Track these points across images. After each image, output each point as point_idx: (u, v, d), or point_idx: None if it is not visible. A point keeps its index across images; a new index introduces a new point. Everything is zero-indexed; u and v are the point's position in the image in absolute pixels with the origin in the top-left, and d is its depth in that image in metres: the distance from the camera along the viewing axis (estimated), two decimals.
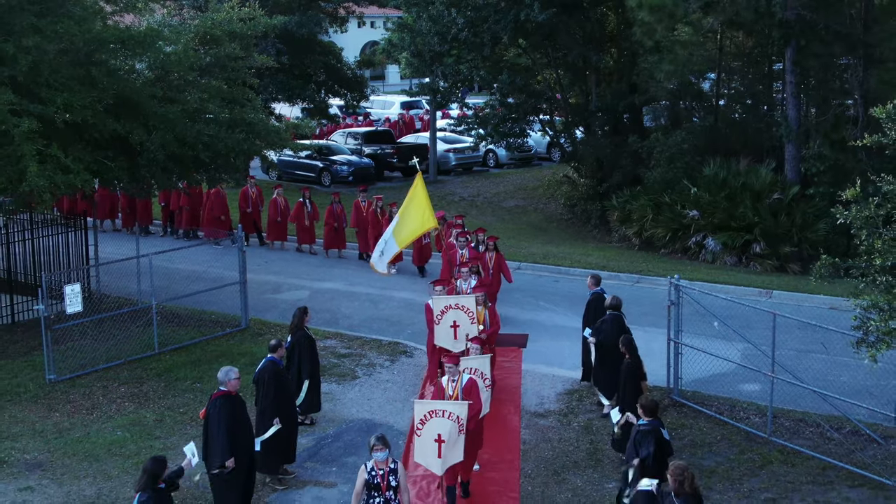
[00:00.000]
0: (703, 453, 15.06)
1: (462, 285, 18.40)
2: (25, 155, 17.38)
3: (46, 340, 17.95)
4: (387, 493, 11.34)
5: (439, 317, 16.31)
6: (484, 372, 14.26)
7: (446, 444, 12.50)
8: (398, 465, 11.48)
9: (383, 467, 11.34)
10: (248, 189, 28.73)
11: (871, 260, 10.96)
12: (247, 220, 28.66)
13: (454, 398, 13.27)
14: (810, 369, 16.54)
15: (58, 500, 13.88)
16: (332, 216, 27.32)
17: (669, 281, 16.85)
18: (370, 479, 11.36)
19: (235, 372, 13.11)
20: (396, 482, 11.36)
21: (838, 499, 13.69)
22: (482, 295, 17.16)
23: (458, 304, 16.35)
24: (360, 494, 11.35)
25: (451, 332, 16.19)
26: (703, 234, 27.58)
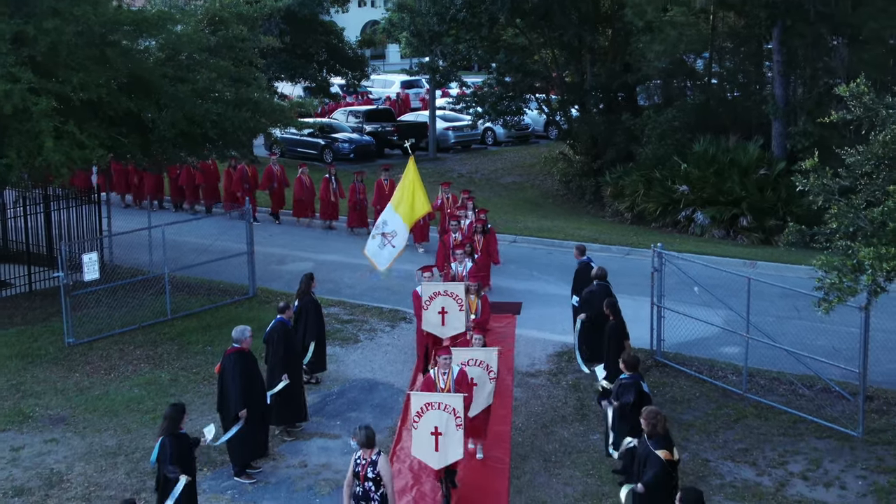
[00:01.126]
0: (683, 409, 16.14)
1: (458, 268, 18.48)
2: (43, 131, 18.36)
3: (65, 306, 19.00)
4: (365, 484, 11.48)
5: (427, 302, 16.41)
6: (490, 364, 14.30)
7: (444, 437, 12.59)
8: (379, 458, 11.56)
9: (366, 458, 11.51)
10: (273, 167, 29.50)
11: (829, 224, 11.97)
12: (276, 197, 29.48)
13: (446, 391, 13.28)
14: (788, 333, 17.55)
15: (81, 450, 14.97)
16: (355, 194, 27.81)
17: (652, 249, 17.89)
18: (355, 466, 11.58)
19: (249, 331, 14.21)
20: (374, 474, 11.47)
21: (807, 448, 14.77)
22: (476, 284, 17.35)
23: (448, 291, 16.42)
24: (351, 482, 11.62)
25: (439, 319, 16.29)
26: (693, 208, 28.61)
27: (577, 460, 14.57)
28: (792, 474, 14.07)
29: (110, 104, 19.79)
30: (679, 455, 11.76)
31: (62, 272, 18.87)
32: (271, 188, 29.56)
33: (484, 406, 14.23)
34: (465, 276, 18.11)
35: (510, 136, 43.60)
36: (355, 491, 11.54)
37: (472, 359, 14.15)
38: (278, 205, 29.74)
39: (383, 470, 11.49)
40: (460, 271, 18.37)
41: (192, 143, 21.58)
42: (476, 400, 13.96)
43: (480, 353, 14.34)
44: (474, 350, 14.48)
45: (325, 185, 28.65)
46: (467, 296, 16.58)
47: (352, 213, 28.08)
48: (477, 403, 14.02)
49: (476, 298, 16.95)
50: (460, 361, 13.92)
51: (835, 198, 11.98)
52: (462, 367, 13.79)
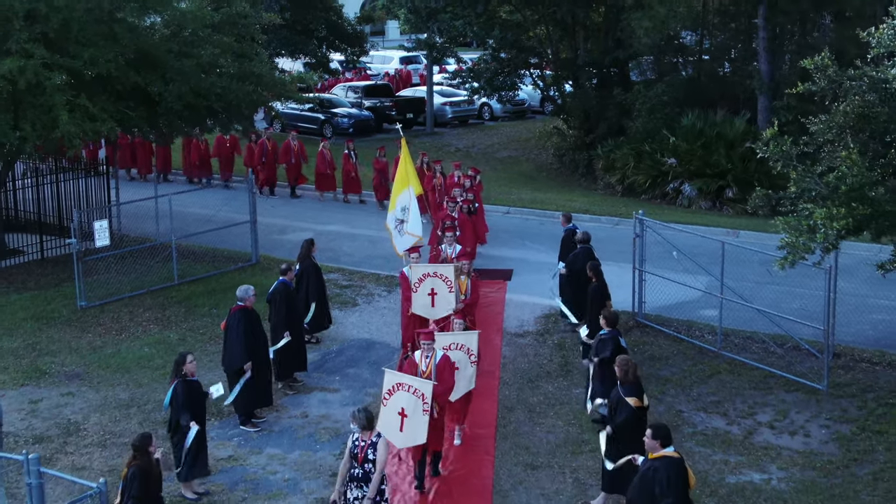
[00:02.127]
0: (661, 365, 17.16)
1: (447, 251, 18.37)
2: (56, 105, 19.31)
3: (78, 271, 19.98)
4: (364, 466, 11.36)
5: (417, 285, 16.35)
6: (471, 348, 14.34)
7: (408, 420, 12.61)
8: (379, 441, 11.45)
9: (365, 440, 11.40)
10: (291, 142, 30.07)
11: (788, 188, 12.93)
12: (291, 172, 30.14)
13: (426, 375, 13.22)
14: (765, 297, 18.48)
15: (96, 402, 16.00)
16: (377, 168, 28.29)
17: (634, 216, 18.86)
18: (353, 447, 11.45)
19: (253, 290, 15.24)
20: (375, 456, 11.36)
21: (775, 401, 15.80)
22: (468, 264, 17.22)
23: (437, 273, 16.37)
24: (348, 462, 11.50)
25: (428, 301, 16.27)
26: (681, 180, 29.54)
27: (559, 411, 15.60)
28: (760, 424, 15.11)
29: (119, 79, 20.71)
30: (648, 402, 12.75)
31: (75, 239, 19.83)
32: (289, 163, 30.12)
33: (465, 390, 14.32)
34: (454, 258, 18.03)
35: (506, 112, 44.40)
36: (354, 473, 11.41)
37: (453, 343, 14.19)
38: (294, 179, 30.29)
39: (381, 453, 11.40)
40: (450, 253, 18.26)
41: (198, 115, 22.52)
42: (458, 383, 13.96)
43: (462, 337, 14.38)
44: (456, 334, 14.46)
45: (346, 160, 29.18)
46: (457, 276, 16.53)
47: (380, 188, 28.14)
48: (459, 387, 14.03)
49: (466, 279, 16.85)
50: (443, 346, 13.88)
51: (793, 163, 12.93)
52: (445, 352, 13.77)
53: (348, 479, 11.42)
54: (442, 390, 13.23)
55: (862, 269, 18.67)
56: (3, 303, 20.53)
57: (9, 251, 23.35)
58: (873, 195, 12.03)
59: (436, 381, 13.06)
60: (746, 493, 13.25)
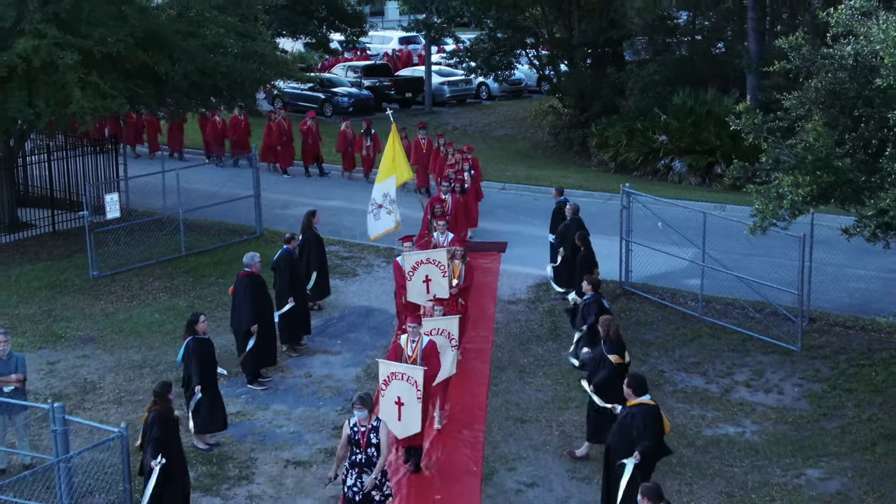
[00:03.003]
0: (645, 330, 18.08)
1: (439, 238, 18.19)
2: (69, 82, 20.16)
3: (90, 242, 20.87)
4: (368, 451, 11.33)
5: (411, 273, 16.25)
6: (451, 332, 14.42)
7: (405, 408, 12.76)
8: (381, 424, 11.46)
9: (365, 424, 11.37)
10: (308, 122, 30.66)
11: (759, 158, 13.80)
12: (308, 152, 30.64)
13: (412, 360, 13.29)
14: (749, 267, 19.32)
15: (110, 364, 16.93)
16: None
17: (622, 188, 19.74)
18: (352, 434, 11.40)
19: (258, 257, 16.17)
20: (378, 439, 11.36)
21: (752, 362, 16.73)
22: (461, 249, 17.16)
23: (430, 259, 16.27)
24: (345, 447, 11.48)
25: (423, 288, 16.17)
26: (671, 157, 30.40)
27: (548, 372, 16.53)
28: (737, 383, 16.05)
29: (128, 58, 21.56)
30: (629, 359, 13.66)
31: (87, 211, 20.72)
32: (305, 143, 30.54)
33: (447, 375, 14.39)
34: (445, 246, 17.71)
35: (504, 91, 45.19)
36: (356, 459, 11.36)
37: (434, 328, 14.23)
38: (310, 159, 30.75)
39: (384, 436, 11.39)
40: (441, 241, 17.98)
41: (204, 93, 23.36)
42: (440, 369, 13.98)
43: (443, 322, 14.48)
44: (437, 319, 14.50)
45: (360, 140, 29.63)
46: (451, 261, 16.49)
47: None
48: (441, 373, 14.05)
49: (461, 264, 16.74)
50: (424, 332, 13.85)
51: (763, 135, 13.79)
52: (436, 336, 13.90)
53: (349, 466, 11.40)
54: (429, 375, 13.30)
55: (841, 241, 19.33)
56: (18, 272, 21.45)
57: (21, 224, 24.25)
58: (839, 164, 12.88)
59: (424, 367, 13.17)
60: (721, 444, 14.20)
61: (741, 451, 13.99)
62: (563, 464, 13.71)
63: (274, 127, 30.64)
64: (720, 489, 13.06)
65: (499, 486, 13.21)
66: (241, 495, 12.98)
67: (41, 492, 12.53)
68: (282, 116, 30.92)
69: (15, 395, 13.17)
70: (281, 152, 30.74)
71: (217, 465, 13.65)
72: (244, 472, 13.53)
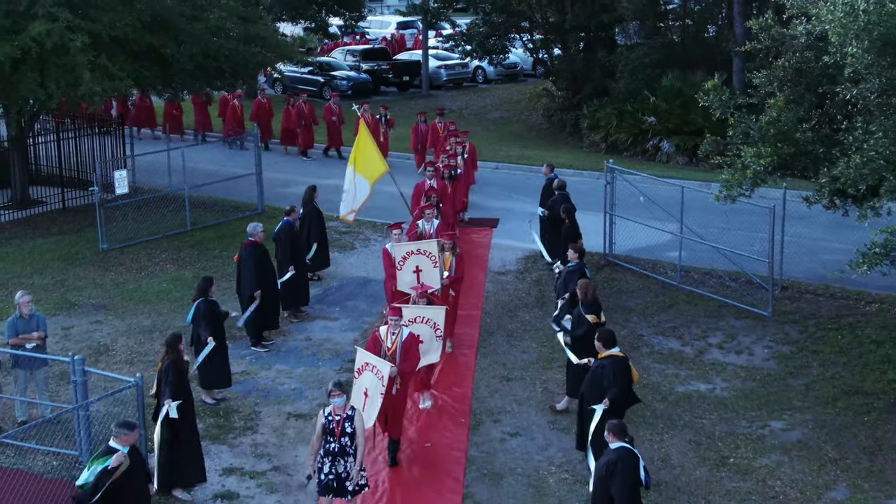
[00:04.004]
0: (627, 298, 19.12)
1: (425, 226, 18.10)
2: (79, 64, 21.13)
3: (100, 216, 21.90)
4: (341, 440, 11.33)
5: (401, 263, 16.12)
6: (437, 322, 14.35)
7: (369, 400, 12.74)
8: (356, 412, 11.49)
9: (340, 413, 11.35)
10: (332, 105, 31.23)
11: (727, 132, 14.81)
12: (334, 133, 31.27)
13: (392, 352, 13.19)
14: (728, 240, 20.31)
15: (122, 328, 17.97)
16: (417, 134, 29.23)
17: (606, 165, 20.75)
18: (326, 423, 11.39)
19: (261, 227, 17.23)
20: (353, 429, 11.38)
21: (726, 326, 17.77)
22: (451, 242, 16.91)
23: (421, 250, 16.11)
24: (320, 437, 11.48)
25: (414, 278, 16.04)
26: (660, 137, 31.40)
27: (534, 336, 17.58)
28: (710, 345, 17.10)
29: (135, 41, 22.54)
30: (605, 318, 14.69)
31: (97, 187, 21.75)
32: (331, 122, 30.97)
33: (431, 362, 14.59)
34: (432, 234, 17.69)
35: (500, 75, 46.11)
36: (330, 447, 11.39)
37: (419, 316, 14.14)
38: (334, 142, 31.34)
39: (359, 424, 11.45)
40: (427, 229, 17.95)
41: (208, 75, 24.34)
42: (424, 356, 14.07)
43: (429, 311, 14.39)
44: (423, 308, 14.43)
45: (376, 124, 29.84)
46: (441, 253, 16.35)
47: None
48: (424, 359, 14.18)
49: (451, 255, 16.61)
50: (408, 319, 13.88)
51: (730, 110, 14.78)
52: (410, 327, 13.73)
53: (323, 454, 11.44)
54: (408, 368, 13.30)
55: (818, 216, 20.46)
56: (32, 246, 22.49)
57: (32, 201, 25.28)
58: (800, 137, 13.89)
59: (401, 360, 13.18)
60: (692, 399, 15.25)
61: (710, 406, 15.05)
62: (544, 416, 14.76)
63: (293, 111, 31.40)
64: (689, 438, 14.12)
65: (485, 436, 14.26)
66: (247, 443, 14.04)
67: (61, 440, 13.62)
68: (302, 100, 31.52)
69: (36, 352, 14.19)
70: (301, 135, 31.44)
71: (224, 418, 14.72)
72: (249, 423, 14.59)
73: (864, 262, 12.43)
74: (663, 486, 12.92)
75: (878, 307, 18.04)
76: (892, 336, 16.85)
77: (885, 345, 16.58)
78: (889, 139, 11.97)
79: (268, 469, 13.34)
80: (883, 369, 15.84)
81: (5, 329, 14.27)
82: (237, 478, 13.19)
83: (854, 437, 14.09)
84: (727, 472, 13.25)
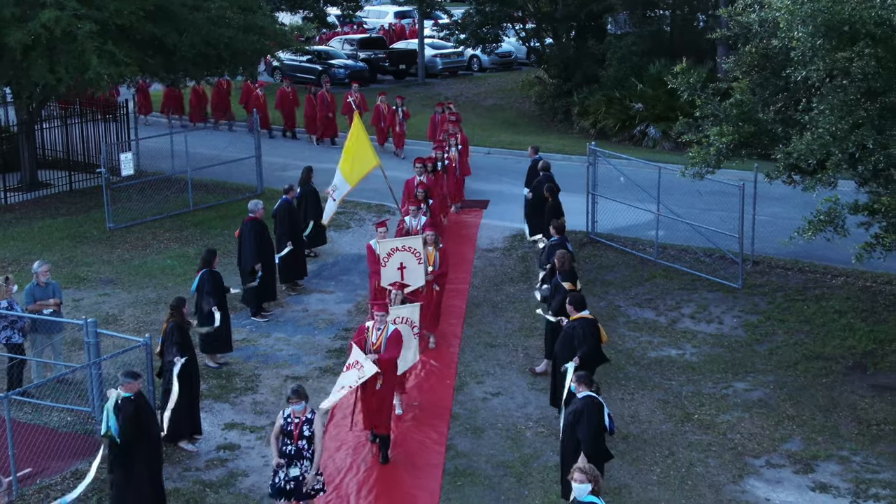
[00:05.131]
0: (606, 272, 20.19)
1: (412, 222, 18.10)
2: (86, 50, 22.14)
3: (106, 197, 22.97)
4: (298, 443, 11.36)
5: (385, 259, 16.14)
6: (413, 320, 14.35)
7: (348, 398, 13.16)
8: (315, 416, 11.48)
9: (299, 416, 11.43)
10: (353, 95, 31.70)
11: (694, 113, 15.86)
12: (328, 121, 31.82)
13: (377, 347, 13.22)
14: (707, 220, 21.31)
15: (129, 300, 19.05)
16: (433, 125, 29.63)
17: (588, 147, 21.80)
18: (285, 424, 11.45)
19: (262, 204, 18.32)
20: (311, 432, 11.40)
21: (699, 298, 18.84)
22: (433, 234, 16.96)
23: (405, 246, 16.17)
24: (278, 437, 11.56)
25: (398, 275, 16.05)
26: (646, 123, 32.41)
27: (518, 307, 18.64)
28: (683, 315, 18.18)
29: (139, 29, 23.54)
30: (580, 286, 15.74)
31: (104, 168, 22.81)
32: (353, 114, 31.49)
33: (411, 363, 14.66)
34: (419, 230, 17.72)
35: (494, 63, 47.07)
36: (287, 450, 11.43)
37: (398, 317, 14.06)
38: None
39: (318, 428, 11.45)
40: (415, 225, 17.98)
41: (209, 63, 25.38)
42: (404, 357, 13.98)
43: (406, 311, 14.37)
44: (399, 308, 14.32)
45: (392, 115, 30.55)
46: (425, 247, 16.43)
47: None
48: (405, 361, 14.18)
49: (434, 250, 16.66)
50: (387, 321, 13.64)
51: (697, 93, 15.81)
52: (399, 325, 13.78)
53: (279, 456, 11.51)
54: (386, 357, 13.24)
55: (795, 197, 21.51)
56: (41, 225, 23.55)
57: (40, 184, 26.34)
58: (761, 117, 14.94)
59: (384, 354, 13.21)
60: (663, 363, 16.33)
61: (679, 369, 16.13)
62: (524, 378, 15.85)
63: (317, 100, 32.08)
64: (658, 397, 15.20)
65: (468, 395, 15.35)
66: (247, 402, 15.13)
67: (74, 398, 14.69)
68: (326, 89, 32.12)
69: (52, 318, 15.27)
70: (322, 124, 32.08)
71: (226, 380, 15.80)
72: (249, 384, 15.67)
73: (809, 229, 13.52)
74: (631, 438, 14.01)
75: (843, 280, 19.09)
76: (855, 307, 17.93)
77: (847, 314, 17.66)
78: (835, 116, 13.02)
79: (266, 424, 14.41)
80: (843, 336, 16.92)
81: (23, 296, 15.31)
82: (238, 431, 14.28)
83: (812, 396, 15.18)
84: (691, 427, 14.34)
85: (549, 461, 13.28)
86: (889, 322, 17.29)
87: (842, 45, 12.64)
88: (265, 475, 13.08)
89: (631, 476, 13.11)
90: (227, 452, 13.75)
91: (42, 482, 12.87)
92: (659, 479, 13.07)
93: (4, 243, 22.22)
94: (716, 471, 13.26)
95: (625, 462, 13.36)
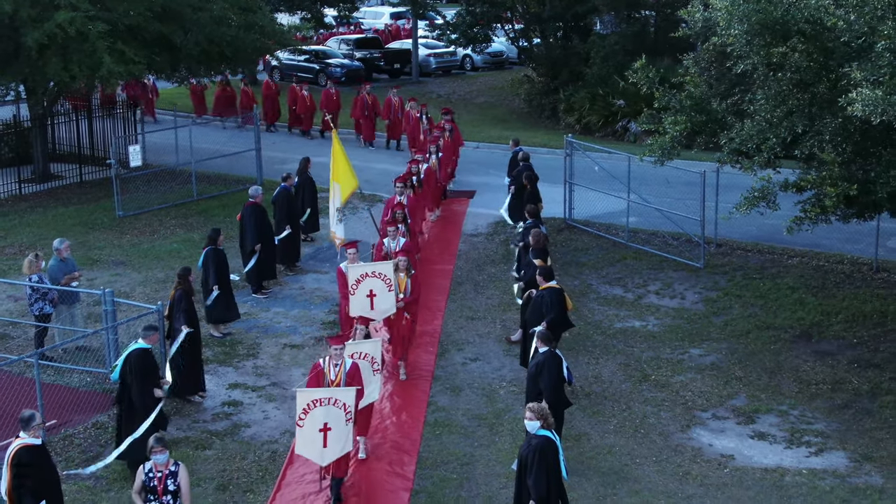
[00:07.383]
0: (581, 255, 21.80)
1: (390, 244, 17.68)
2: (98, 49, 23.75)
3: (116, 186, 24.57)
4: (163, 498, 10.70)
5: (354, 286, 15.46)
6: (374, 356, 13.62)
7: (332, 433, 12.13)
8: (179, 468, 10.83)
9: (162, 469, 10.73)
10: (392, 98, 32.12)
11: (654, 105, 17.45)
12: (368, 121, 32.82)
13: (336, 384, 12.63)
14: (679, 208, 22.82)
15: (139, 279, 20.64)
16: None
17: (565, 139, 23.42)
18: (147, 480, 10.72)
19: (262, 189, 19.98)
20: (176, 485, 10.72)
21: (665, 277, 20.44)
22: (405, 260, 16.36)
23: (375, 273, 15.52)
24: (140, 493, 10.81)
25: (367, 302, 15.45)
26: (628, 119, 34.01)
27: (498, 286, 20.25)
28: (649, 291, 19.78)
29: (146, 29, 25.16)
30: (551, 262, 17.34)
31: (114, 159, 24.42)
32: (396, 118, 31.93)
33: (368, 402, 13.70)
34: (396, 253, 17.17)
35: (486, 63, 48.69)
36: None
37: (356, 353, 13.38)
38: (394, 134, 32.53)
39: (184, 481, 10.81)
40: (393, 247, 17.54)
41: (212, 61, 27.01)
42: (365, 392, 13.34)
43: (367, 346, 13.67)
44: (359, 343, 13.65)
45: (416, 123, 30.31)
46: (396, 273, 15.92)
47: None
48: (366, 397, 13.48)
49: (406, 277, 16.14)
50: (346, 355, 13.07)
51: (655, 86, 17.38)
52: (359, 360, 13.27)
53: None
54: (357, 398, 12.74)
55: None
56: (54, 213, 25.16)
57: (52, 175, 27.94)
58: (713, 108, 16.55)
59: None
60: (627, 333, 17.94)
61: (642, 338, 17.73)
62: (500, 346, 17.46)
63: (358, 101, 32.74)
64: (620, 361, 16.81)
65: (449, 360, 16.95)
66: (249, 366, 16.73)
67: (92, 362, 16.29)
68: (366, 91, 32.83)
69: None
70: (364, 125, 32.83)
71: (229, 347, 17.41)
72: (251, 351, 17.28)
73: (744, 205, 15.14)
74: (593, 396, 15.62)
75: (799, 260, 20.68)
76: (807, 283, 19.53)
77: (799, 290, 19.26)
78: (770, 105, 14.61)
79: (266, 384, 16.03)
80: (794, 309, 18.53)
81: (48, 272, 16.88)
82: (241, 391, 15.89)
83: (759, 361, 16.79)
84: (648, 386, 15.95)
85: (519, 414, 14.80)
86: (837, 297, 18.89)
87: (775, 41, 14.21)
88: (266, 427, 14.74)
89: (591, 426, 14.72)
90: (231, 408, 15.35)
91: (66, 431, 14.48)
92: (615, 428, 14.69)
93: (22, 229, 23.83)
94: (667, 422, 14.87)
95: (586, 414, 14.97)
